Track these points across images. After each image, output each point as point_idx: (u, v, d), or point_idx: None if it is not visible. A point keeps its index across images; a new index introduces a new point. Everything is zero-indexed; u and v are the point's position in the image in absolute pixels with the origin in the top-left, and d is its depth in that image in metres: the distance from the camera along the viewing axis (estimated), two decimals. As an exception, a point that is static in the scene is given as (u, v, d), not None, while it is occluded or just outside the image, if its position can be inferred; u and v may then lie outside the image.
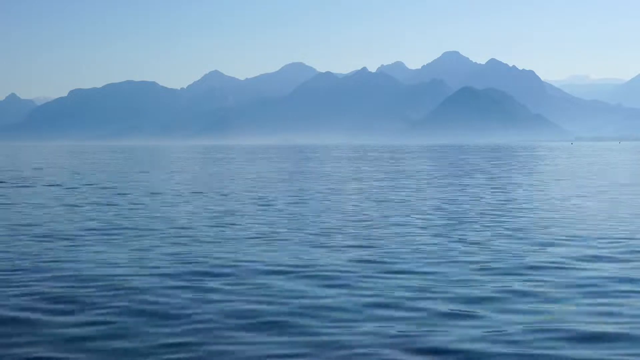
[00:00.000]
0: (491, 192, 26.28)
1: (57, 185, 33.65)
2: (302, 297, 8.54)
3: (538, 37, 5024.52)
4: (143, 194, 26.47)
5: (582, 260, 11.09)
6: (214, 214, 18.52)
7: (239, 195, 25.51)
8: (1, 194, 27.10)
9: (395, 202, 21.69)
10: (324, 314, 7.76)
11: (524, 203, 21.33)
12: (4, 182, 36.78)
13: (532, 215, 17.74)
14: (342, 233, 14.51)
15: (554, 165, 54.99)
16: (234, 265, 10.76)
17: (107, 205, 21.68)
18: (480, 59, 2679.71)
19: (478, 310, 7.85)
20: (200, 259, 11.34)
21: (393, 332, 7.02)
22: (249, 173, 45.71)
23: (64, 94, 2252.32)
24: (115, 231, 15.06)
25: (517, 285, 9.12)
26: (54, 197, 25.03)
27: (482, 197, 23.50)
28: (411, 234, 14.20)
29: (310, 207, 20.45)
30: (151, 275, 10.07)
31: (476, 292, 8.72)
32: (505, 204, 21.13)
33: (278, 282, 9.52)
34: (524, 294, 8.66)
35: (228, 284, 9.35)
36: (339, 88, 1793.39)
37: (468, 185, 30.61)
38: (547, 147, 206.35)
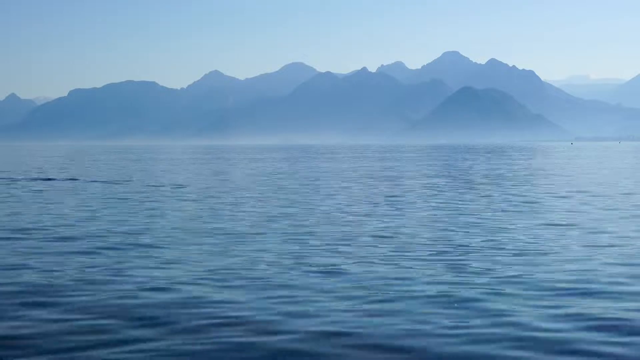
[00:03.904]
0: None
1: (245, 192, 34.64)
2: None
3: (538, 37, 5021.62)
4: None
5: None
6: None
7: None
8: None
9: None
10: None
11: None
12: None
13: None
14: None
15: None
16: None
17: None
18: (480, 59, 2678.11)
19: None
20: None
21: None
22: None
23: (64, 94, 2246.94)
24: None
25: None
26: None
27: None
28: None
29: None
30: None
31: None
32: None
33: None
34: None
35: None
36: (339, 88, 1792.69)
37: None
38: (559, 148, 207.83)
